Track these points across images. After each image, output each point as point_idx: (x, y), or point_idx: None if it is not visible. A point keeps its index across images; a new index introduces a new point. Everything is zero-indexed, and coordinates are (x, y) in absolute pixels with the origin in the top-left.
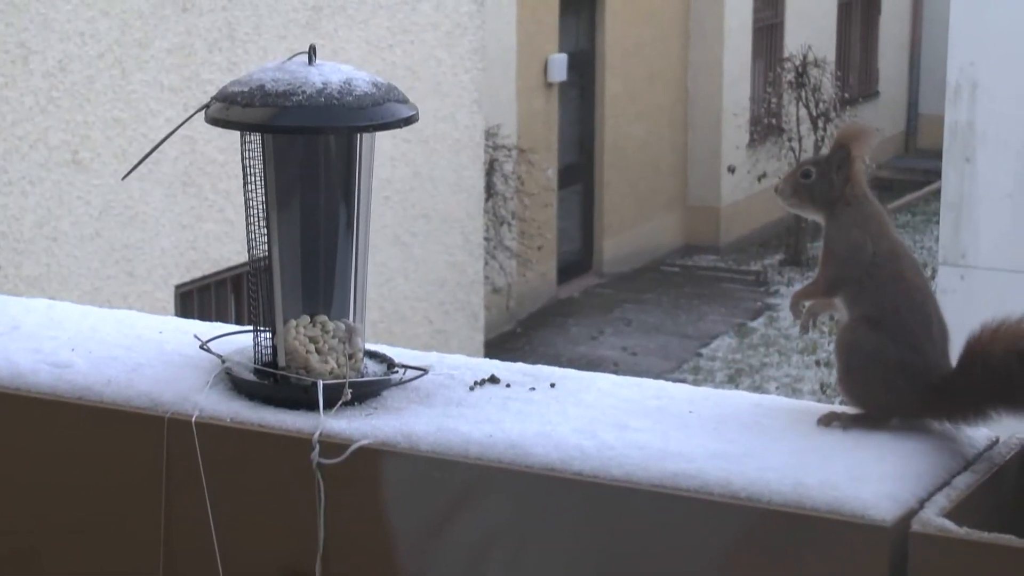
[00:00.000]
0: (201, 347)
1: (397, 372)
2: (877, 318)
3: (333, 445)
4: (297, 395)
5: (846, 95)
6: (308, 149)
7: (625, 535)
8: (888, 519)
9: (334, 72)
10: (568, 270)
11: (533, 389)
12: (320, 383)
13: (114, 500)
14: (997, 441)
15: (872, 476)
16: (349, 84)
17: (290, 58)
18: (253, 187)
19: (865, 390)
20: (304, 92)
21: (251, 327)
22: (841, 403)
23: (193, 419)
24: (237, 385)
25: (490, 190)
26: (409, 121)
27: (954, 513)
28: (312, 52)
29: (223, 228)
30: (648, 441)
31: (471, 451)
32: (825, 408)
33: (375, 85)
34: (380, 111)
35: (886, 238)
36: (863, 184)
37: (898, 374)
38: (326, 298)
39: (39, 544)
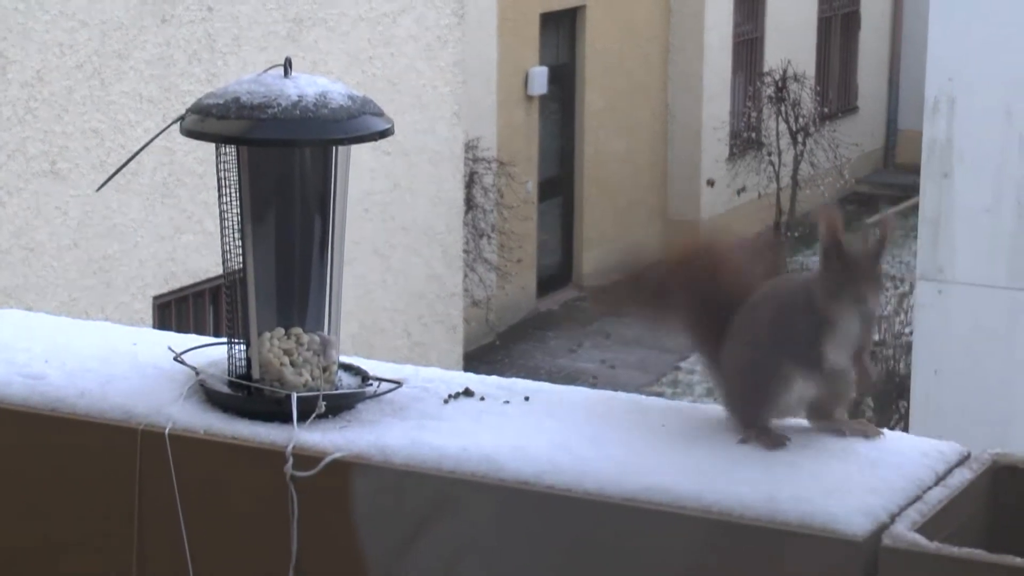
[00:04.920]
0: (175, 359)
1: (371, 385)
2: None
3: (307, 458)
4: (271, 407)
5: (825, 110)
6: (283, 162)
7: (597, 549)
8: (859, 533)
9: (310, 85)
10: (548, 283)
11: (507, 402)
12: (294, 395)
13: (87, 512)
14: (969, 456)
15: (843, 490)
16: (324, 97)
17: (266, 70)
18: (228, 199)
19: None
20: (279, 104)
21: (225, 339)
22: None
23: (167, 431)
24: (211, 397)
25: (470, 203)
26: (384, 134)
27: (926, 528)
28: (288, 64)
29: (201, 239)
30: (621, 455)
31: (445, 464)
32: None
33: (350, 98)
34: (355, 124)
35: None
36: None
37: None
38: (301, 310)
39: (11, 555)
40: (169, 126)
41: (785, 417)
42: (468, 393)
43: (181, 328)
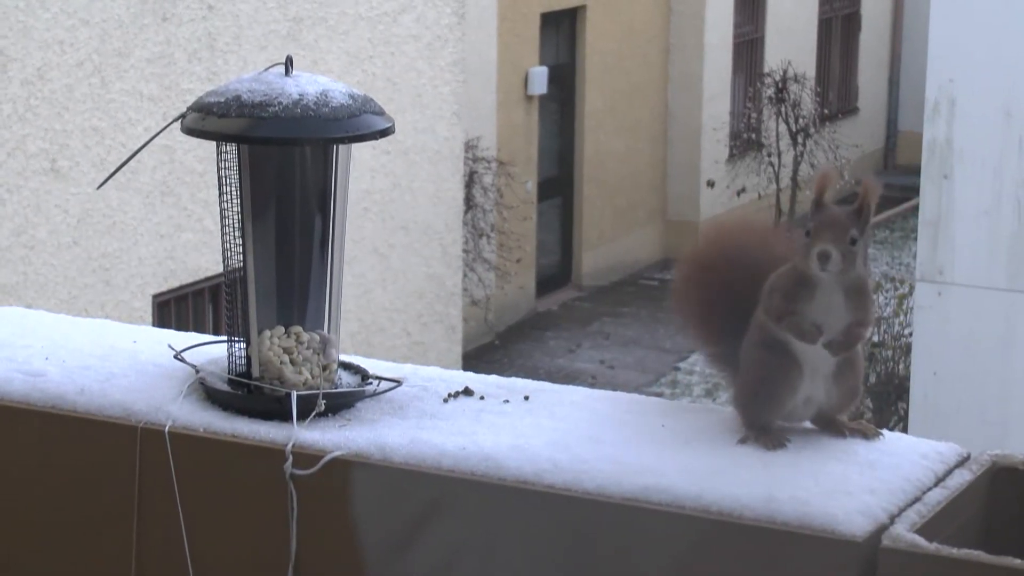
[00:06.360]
0: (175, 357)
1: (371, 383)
2: None
3: (306, 456)
4: (271, 406)
5: (826, 111)
6: (284, 160)
7: (596, 549)
8: (858, 534)
9: (310, 83)
10: (547, 283)
11: (507, 402)
12: (294, 394)
13: (86, 510)
14: (968, 457)
15: (843, 491)
16: (325, 95)
17: (267, 69)
18: (229, 197)
19: None
20: (280, 103)
21: (225, 337)
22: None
23: (166, 429)
24: (211, 395)
25: (469, 202)
26: (385, 133)
27: (925, 529)
28: (289, 63)
29: (201, 238)
30: (621, 455)
31: (444, 463)
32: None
33: (351, 97)
34: (356, 123)
35: None
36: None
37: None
38: (301, 309)
39: (10, 553)
40: (170, 124)
41: (792, 421)
42: (468, 392)
43: (181, 326)
